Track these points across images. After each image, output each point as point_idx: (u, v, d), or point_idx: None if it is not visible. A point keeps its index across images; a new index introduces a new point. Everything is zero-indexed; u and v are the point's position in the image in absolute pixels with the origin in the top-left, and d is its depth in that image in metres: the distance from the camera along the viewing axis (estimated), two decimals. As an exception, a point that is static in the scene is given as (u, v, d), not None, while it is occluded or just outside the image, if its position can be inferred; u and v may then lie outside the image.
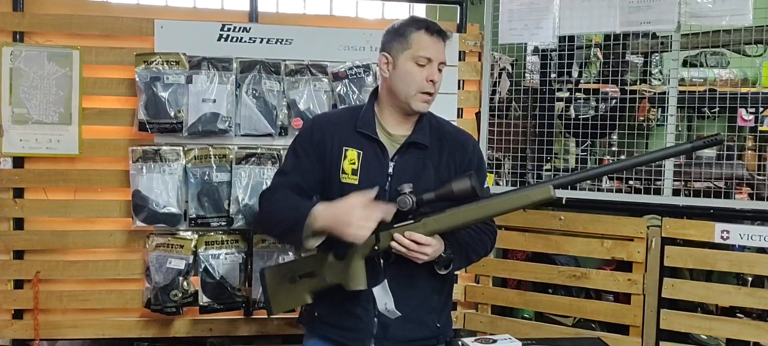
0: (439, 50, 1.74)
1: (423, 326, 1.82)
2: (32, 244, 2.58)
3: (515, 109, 2.97)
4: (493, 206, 1.65)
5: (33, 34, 2.54)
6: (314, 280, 1.74)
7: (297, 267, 1.78)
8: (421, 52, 1.71)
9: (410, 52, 1.72)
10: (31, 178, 2.55)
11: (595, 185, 2.79)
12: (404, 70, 1.73)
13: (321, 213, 1.63)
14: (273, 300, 1.78)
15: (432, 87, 1.73)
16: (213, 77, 2.50)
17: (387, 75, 1.77)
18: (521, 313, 3.03)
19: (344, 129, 1.78)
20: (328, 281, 1.72)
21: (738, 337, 2.54)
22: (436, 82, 1.74)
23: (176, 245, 2.51)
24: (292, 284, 1.75)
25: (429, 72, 1.72)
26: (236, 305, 2.60)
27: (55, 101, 2.50)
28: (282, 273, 1.79)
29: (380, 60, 1.78)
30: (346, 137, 1.77)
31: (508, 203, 1.65)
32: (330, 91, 2.60)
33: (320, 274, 1.73)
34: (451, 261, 1.76)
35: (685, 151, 1.67)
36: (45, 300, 2.58)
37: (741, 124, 3.07)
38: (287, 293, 1.77)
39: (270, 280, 1.79)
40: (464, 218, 1.65)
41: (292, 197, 1.74)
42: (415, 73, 1.72)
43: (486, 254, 1.90)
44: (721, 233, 2.45)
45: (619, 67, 2.74)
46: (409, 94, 1.73)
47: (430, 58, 1.72)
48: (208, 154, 2.52)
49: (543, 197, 1.61)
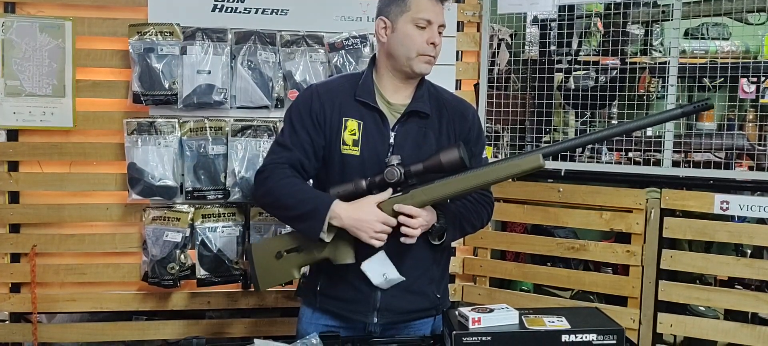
0: (439, 12, 1.72)
1: (423, 297, 1.82)
2: (28, 217, 2.57)
3: (514, 80, 2.94)
4: (483, 176, 1.64)
5: (24, 5, 2.50)
6: (301, 255, 1.73)
7: (283, 243, 1.76)
8: (421, 13, 1.69)
9: (409, 15, 1.70)
10: (25, 151, 2.54)
11: (594, 157, 2.77)
12: (404, 33, 1.70)
13: (340, 215, 1.64)
14: (260, 276, 1.77)
15: (433, 50, 1.71)
16: (208, 48, 2.47)
17: (385, 40, 1.74)
18: (520, 285, 3.03)
19: (343, 98, 1.76)
20: (317, 256, 1.72)
21: (736, 308, 2.54)
22: (437, 44, 1.72)
23: (173, 218, 2.51)
24: (279, 259, 1.74)
25: (429, 34, 1.70)
26: (234, 278, 2.60)
27: (48, 73, 2.48)
28: (269, 249, 1.77)
29: (377, 25, 1.76)
30: (345, 107, 1.74)
31: (497, 172, 1.63)
32: (326, 62, 2.58)
33: (307, 248, 1.72)
34: (444, 231, 1.75)
35: (675, 116, 1.64)
36: (42, 274, 2.58)
37: (742, 96, 3.04)
38: (274, 269, 1.75)
39: (257, 256, 1.77)
40: (453, 188, 1.64)
41: (302, 183, 1.72)
42: (416, 36, 1.70)
43: (482, 225, 1.89)
44: (721, 203, 2.43)
45: (620, 37, 2.70)
46: (410, 56, 1.71)
47: (430, 20, 1.70)
48: (204, 127, 2.50)
49: (532, 166, 1.60)
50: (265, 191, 1.74)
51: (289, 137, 1.76)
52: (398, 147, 1.73)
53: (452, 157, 1.61)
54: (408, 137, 1.75)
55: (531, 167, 1.60)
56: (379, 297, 1.76)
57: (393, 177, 1.64)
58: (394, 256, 1.72)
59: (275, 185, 1.71)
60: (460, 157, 1.60)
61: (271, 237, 1.94)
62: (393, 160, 1.65)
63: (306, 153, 1.75)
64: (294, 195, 1.69)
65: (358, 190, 1.67)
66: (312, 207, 1.65)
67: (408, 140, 1.74)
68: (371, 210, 1.64)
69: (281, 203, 1.71)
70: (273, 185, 1.71)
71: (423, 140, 1.75)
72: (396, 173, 1.64)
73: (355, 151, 1.72)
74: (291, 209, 1.69)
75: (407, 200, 1.65)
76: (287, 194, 1.69)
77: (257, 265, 1.77)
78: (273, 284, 1.79)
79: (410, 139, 1.74)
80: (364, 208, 1.64)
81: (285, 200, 1.69)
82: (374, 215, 1.64)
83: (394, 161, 1.65)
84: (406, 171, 1.65)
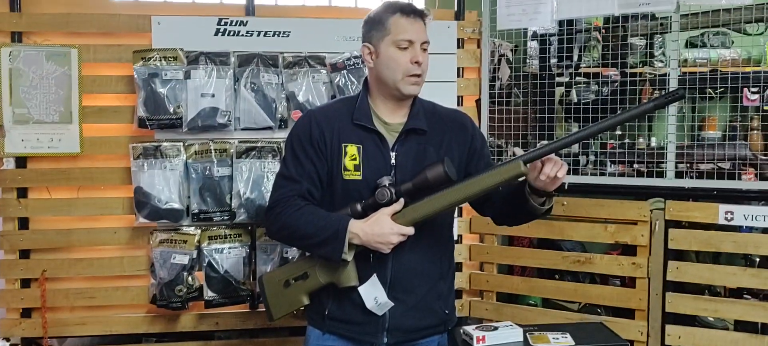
0: (419, 30, 1.72)
1: (432, 314, 1.82)
2: (37, 243, 2.60)
3: (516, 95, 2.95)
4: (468, 188, 1.67)
5: (31, 34, 2.55)
6: (308, 281, 1.77)
7: (291, 271, 1.81)
8: (400, 35, 1.71)
9: (390, 38, 1.71)
10: (34, 177, 2.57)
11: (598, 169, 2.77)
12: (387, 57, 1.72)
13: (358, 233, 1.66)
14: (272, 306, 1.82)
15: (418, 68, 1.72)
16: (211, 72, 2.50)
17: (372, 65, 1.77)
18: (527, 299, 3.03)
19: (341, 123, 1.77)
20: (321, 281, 1.75)
21: (745, 318, 2.53)
22: (422, 62, 1.72)
23: (180, 240, 2.53)
24: (287, 288, 1.79)
25: (412, 54, 1.71)
26: (241, 299, 2.61)
27: (55, 100, 2.52)
28: (278, 278, 1.82)
29: (363, 52, 1.79)
30: (344, 132, 1.75)
31: (481, 183, 1.66)
32: (328, 82, 2.60)
33: (313, 275, 1.76)
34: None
35: (647, 110, 1.65)
36: (52, 298, 2.60)
37: (746, 105, 3.04)
38: (284, 298, 1.80)
39: (268, 286, 1.82)
40: (441, 202, 1.67)
41: (318, 210, 1.73)
42: (399, 58, 1.71)
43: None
44: (725, 214, 2.43)
45: (619, 50, 2.71)
46: (397, 79, 1.72)
47: (411, 39, 1.71)
48: (209, 149, 2.53)
49: (514, 173, 1.62)
50: (280, 226, 1.75)
51: (294, 169, 1.76)
52: (400, 167, 1.74)
53: (438, 173, 1.64)
54: (409, 156, 1.75)
55: (513, 174, 1.63)
56: (388, 317, 1.77)
57: (383, 198, 1.67)
58: (401, 272, 1.74)
59: (290, 219, 1.72)
60: (445, 172, 1.63)
61: (280, 267, 1.97)
62: (384, 180, 1.68)
63: (313, 182, 1.76)
64: (312, 223, 1.70)
65: (353, 215, 1.69)
66: (332, 232, 1.67)
67: (409, 159, 1.75)
68: (387, 223, 1.66)
69: (300, 234, 1.72)
70: (287, 220, 1.73)
71: (424, 157, 1.76)
72: (386, 194, 1.67)
73: (357, 176, 1.73)
74: (311, 238, 1.71)
75: (399, 218, 1.67)
76: (305, 223, 1.70)
77: (269, 295, 1.82)
78: (285, 313, 1.83)
79: (411, 158, 1.75)
80: (379, 222, 1.66)
81: (304, 229, 1.71)
82: (390, 228, 1.66)
83: (385, 182, 1.68)
84: (396, 190, 1.67)
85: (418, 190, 1.67)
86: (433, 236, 1.78)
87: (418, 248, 1.74)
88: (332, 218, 1.70)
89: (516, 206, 1.74)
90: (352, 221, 1.67)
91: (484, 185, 1.66)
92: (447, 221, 1.86)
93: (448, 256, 1.87)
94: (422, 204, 1.67)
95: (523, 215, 1.76)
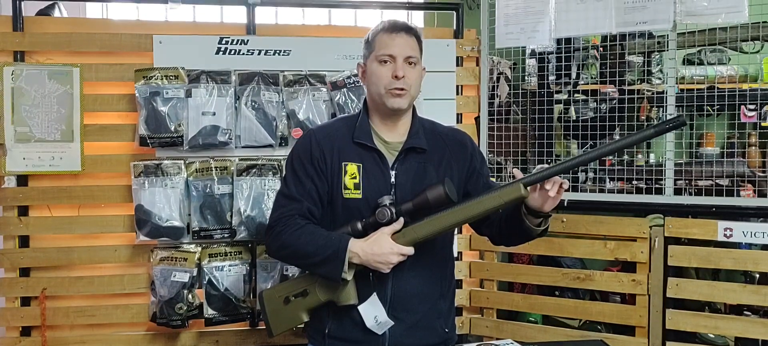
0: (401, 45, 1.73)
1: (432, 332, 1.82)
2: (38, 261, 2.60)
3: (515, 112, 2.97)
4: (469, 210, 1.67)
5: (33, 53, 2.57)
6: (307, 299, 1.78)
7: (290, 288, 1.81)
8: (381, 50, 1.74)
9: (374, 54, 1.75)
10: (35, 195, 2.58)
11: (597, 186, 2.78)
12: (371, 72, 1.76)
13: (358, 252, 1.67)
14: (272, 323, 1.83)
15: (399, 82, 1.72)
16: (212, 90, 2.52)
17: (364, 83, 1.82)
18: (527, 317, 3.02)
19: (341, 142, 1.78)
20: (321, 298, 1.75)
21: (745, 335, 2.53)
22: (402, 76, 1.72)
23: (180, 258, 2.53)
24: (287, 305, 1.79)
25: (393, 68, 1.73)
26: (241, 317, 2.61)
27: (56, 119, 2.53)
28: (278, 295, 1.82)
29: (358, 71, 1.84)
30: (344, 151, 1.77)
31: (482, 205, 1.66)
32: (329, 101, 2.62)
33: (312, 292, 1.77)
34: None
35: (648, 136, 1.67)
36: (52, 317, 2.60)
37: (743, 121, 3.05)
38: (284, 315, 1.81)
39: (268, 303, 1.83)
40: (442, 223, 1.68)
41: (318, 229, 1.74)
42: (380, 72, 1.73)
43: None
44: (724, 230, 2.44)
45: (617, 67, 2.73)
46: (381, 93, 1.74)
47: (391, 54, 1.73)
48: (210, 167, 2.54)
49: (514, 196, 1.63)
50: (280, 244, 1.76)
51: (295, 188, 1.78)
52: (400, 186, 1.75)
53: (438, 194, 1.65)
54: (408, 175, 1.76)
55: (513, 198, 1.63)
56: (388, 336, 1.77)
57: (384, 217, 1.68)
58: (401, 291, 1.74)
59: (290, 238, 1.73)
60: (446, 193, 1.64)
61: (280, 283, 1.98)
62: (385, 200, 1.69)
63: (314, 201, 1.77)
64: (312, 242, 1.70)
65: (354, 233, 1.70)
66: (332, 251, 1.68)
67: (409, 178, 1.76)
68: (386, 243, 1.67)
69: (300, 253, 1.73)
70: (287, 239, 1.73)
71: (424, 175, 1.77)
72: (387, 214, 1.68)
73: (357, 195, 1.74)
74: (311, 257, 1.71)
75: (399, 238, 1.68)
76: (305, 242, 1.71)
77: (269, 311, 1.82)
78: (284, 329, 1.84)
79: (411, 177, 1.76)
80: (379, 242, 1.67)
81: (304, 248, 1.71)
82: (389, 248, 1.67)
83: (386, 201, 1.69)
84: (397, 210, 1.68)
85: (418, 210, 1.68)
86: (433, 256, 1.79)
87: (418, 268, 1.75)
88: (332, 237, 1.71)
89: (512, 226, 1.74)
90: (352, 240, 1.68)
91: (484, 207, 1.66)
92: (447, 239, 1.86)
93: (448, 274, 1.88)
94: (422, 225, 1.68)
95: (518, 235, 1.76)
